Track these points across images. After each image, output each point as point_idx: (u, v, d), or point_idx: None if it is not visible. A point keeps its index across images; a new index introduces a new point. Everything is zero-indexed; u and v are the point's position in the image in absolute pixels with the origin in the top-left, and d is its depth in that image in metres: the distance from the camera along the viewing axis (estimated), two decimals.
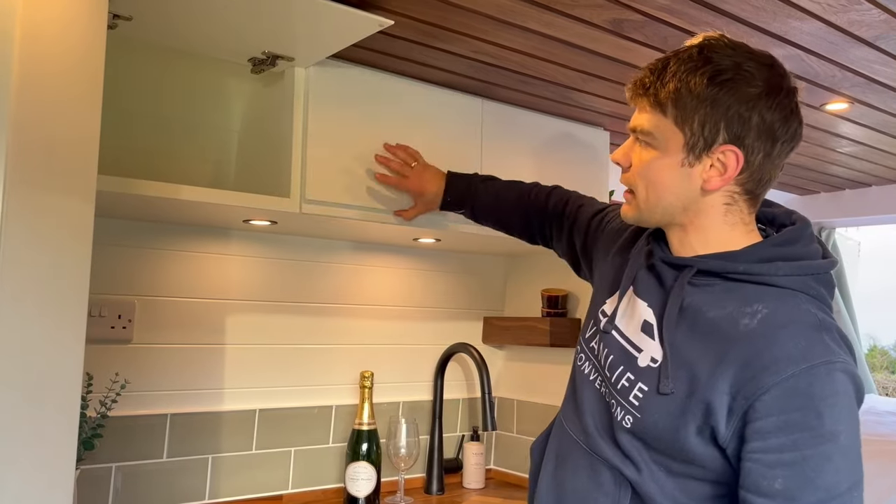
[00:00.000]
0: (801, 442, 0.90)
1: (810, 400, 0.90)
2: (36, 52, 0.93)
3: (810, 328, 0.94)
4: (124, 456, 1.71)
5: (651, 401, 1.01)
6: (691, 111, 0.99)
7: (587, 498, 1.08)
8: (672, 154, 1.01)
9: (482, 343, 2.36)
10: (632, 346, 1.06)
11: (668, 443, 1.00)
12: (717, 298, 1.00)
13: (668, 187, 1.03)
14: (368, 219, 1.73)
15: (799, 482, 0.90)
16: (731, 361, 0.95)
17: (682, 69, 0.99)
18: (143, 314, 1.76)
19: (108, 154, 1.49)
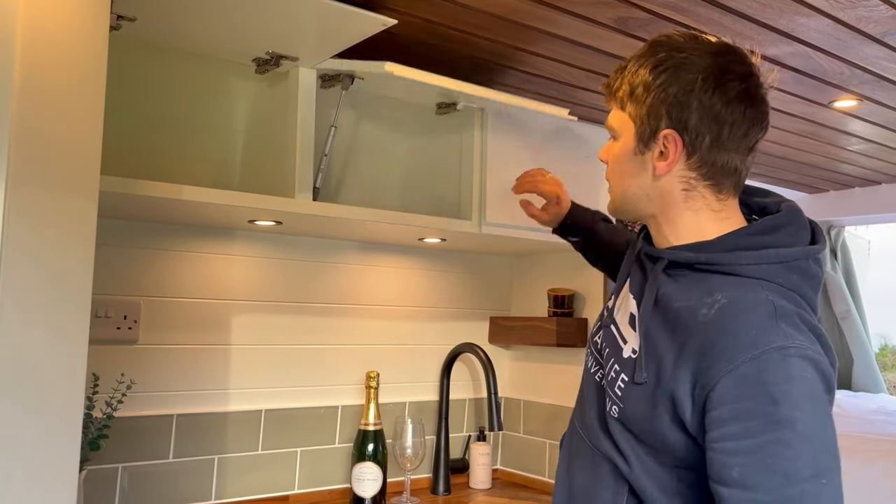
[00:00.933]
0: (755, 429, 0.89)
1: (762, 386, 0.89)
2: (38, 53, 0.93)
3: (765, 315, 0.93)
4: (130, 456, 1.71)
5: (629, 390, 1.03)
6: (640, 103, 1.04)
7: (591, 492, 1.10)
8: (627, 144, 1.07)
9: (488, 343, 2.36)
10: (620, 338, 1.09)
11: (648, 433, 1.01)
12: (684, 289, 1.02)
13: (627, 176, 1.08)
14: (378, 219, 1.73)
15: (755, 470, 0.88)
16: (690, 352, 0.95)
17: (634, 66, 1.06)
18: (149, 315, 1.76)
19: (113, 155, 1.50)
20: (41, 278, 0.94)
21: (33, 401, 0.93)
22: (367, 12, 1.41)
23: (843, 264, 4.30)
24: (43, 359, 0.94)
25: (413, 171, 2.07)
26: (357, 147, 1.99)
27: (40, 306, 0.94)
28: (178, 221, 1.77)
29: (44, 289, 0.94)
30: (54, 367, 0.95)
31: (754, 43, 1.63)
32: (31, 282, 0.92)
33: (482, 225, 1.91)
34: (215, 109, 1.77)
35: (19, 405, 0.91)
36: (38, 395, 0.94)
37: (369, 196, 1.99)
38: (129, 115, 1.65)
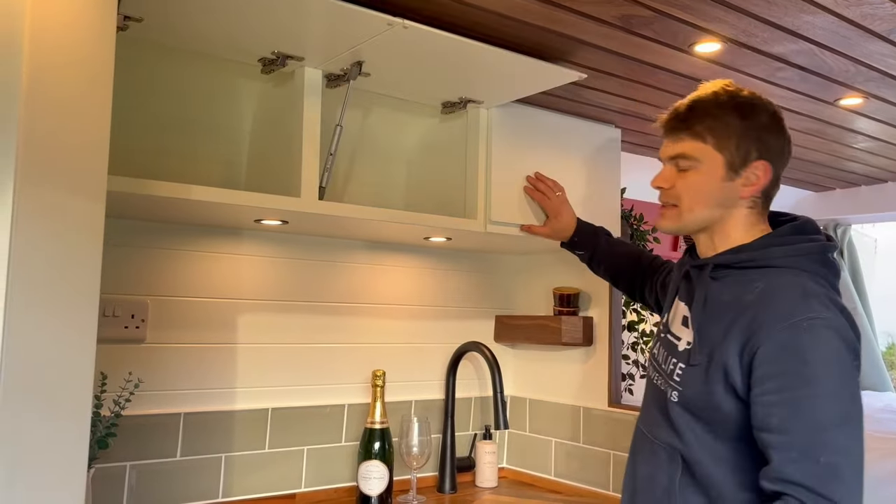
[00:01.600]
0: (789, 385, 1.11)
1: (796, 350, 1.11)
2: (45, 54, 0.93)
3: (797, 294, 1.17)
4: (138, 455, 1.72)
5: (687, 374, 1.26)
6: (726, 137, 1.27)
7: (650, 478, 1.31)
8: (716, 172, 1.28)
9: (494, 342, 2.36)
10: (675, 339, 1.33)
11: (705, 407, 1.22)
12: (729, 285, 1.26)
13: (712, 199, 1.29)
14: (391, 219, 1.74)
15: (791, 416, 1.10)
16: (738, 328, 1.18)
17: (714, 105, 1.29)
18: (156, 314, 1.77)
19: (120, 155, 1.50)
20: (49, 278, 0.94)
21: (42, 399, 0.94)
22: (372, 11, 1.42)
23: (850, 263, 4.29)
24: (51, 358, 0.95)
25: (419, 171, 2.08)
26: (363, 146, 2.00)
27: (49, 305, 0.94)
28: (185, 221, 1.78)
29: (52, 288, 0.95)
30: (63, 365, 0.96)
31: (759, 41, 1.63)
32: (39, 281, 0.93)
33: (488, 224, 1.91)
34: (221, 109, 1.78)
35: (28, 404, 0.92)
36: (47, 393, 0.94)
37: (375, 195, 2.00)
38: (136, 116, 1.66)
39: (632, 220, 2.34)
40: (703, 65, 1.78)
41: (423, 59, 1.67)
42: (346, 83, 1.71)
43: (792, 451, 1.09)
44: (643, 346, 2.39)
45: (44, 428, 0.94)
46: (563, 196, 1.93)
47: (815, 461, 1.07)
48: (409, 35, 1.50)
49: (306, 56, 1.63)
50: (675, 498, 1.25)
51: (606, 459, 2.09)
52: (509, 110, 1.98)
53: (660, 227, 1.38)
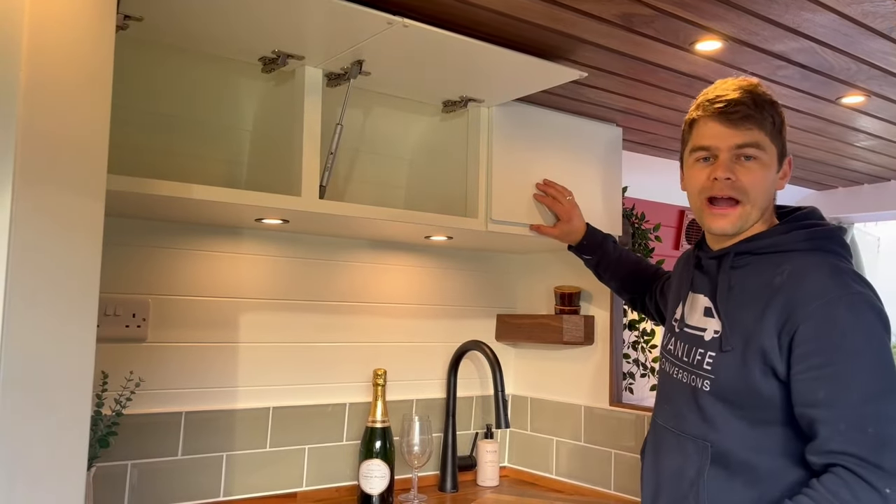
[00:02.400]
0: (832, 359, 1.12)
1: (835, 324, 1.13)
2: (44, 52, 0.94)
3: (828, 272, 1.19)
4: (140, 453, 1.72)
5: (719, 361, 1.26)
6: (778, 131, 1.31)
7: (677, 471, 1.31)
8: (772, 163, 1.31)
9: (495, 340, 2.36)
10: (698, 330, 1.33)
11: (741, 392, 1.22)
12: (754, 271, 1.27)
13: (767, 189, 1.31)
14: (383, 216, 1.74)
15: (836, 390, 1.11)
16: (773, 309, 1.19)
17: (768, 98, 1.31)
18: (157, 313, 1.77)
19: (120, 154, 1.51)
20: (49, 276, 0.94)
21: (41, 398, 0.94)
22: (372, 10, 1.42)
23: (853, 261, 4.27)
24: (51, 356, 0.95)
25: (419, 170, 2.08)
26: (364, 145, 2.00)
27: (48, 304, 0.94)
28: (186, 220, 1.78)
29: (52, 287, 0.95)
30: (62, 364, 0.96)
31: (760, 39, 1.63)
32: (38, 280, 0.93)
33: (489, 222, 1.91)
34: (222, 108, 1.78)
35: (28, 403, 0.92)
36: (46, 392, 0.94)
37: (376, 194, 2.00)
38: (136, 115, 1.66)
39: (633, 219, 2.34)
40: (704, 63, 1.78)
41: (424, 58, 1.67)
42: (347, 82, 1.71)
43: (840, 424, 1.10)
44: (644, 344, 2.39)
45: (44, 427, 0.94)
46: (572, 200, 1.95)
47: (864, 431, 1.09)
48: (409, 34, 1.50)
49: (307, 55, 1.63)
50: (702, 490, 1.25)
51: (608, 458, 2.08)
52: (510, 109, 1.98)
53: (717, 229, 1.32)
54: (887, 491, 1.07)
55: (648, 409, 2.04)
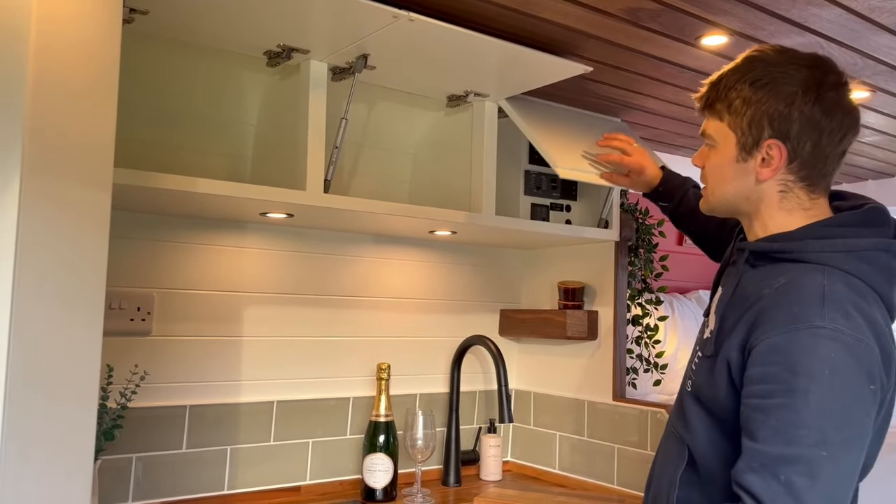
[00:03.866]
0: (773, 392, 1.02)
1: (788, 356, 1.02)
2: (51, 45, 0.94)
3: (812, 297, 1.04)
4: (144, 447, 1.73)
5: (701, 364, 1.20)
6: (740, 114, 1.16)
7: (663, 468, 1.27)
8: (728, 152, 1.19)
9: (499, 335, 2.36)
10: (707, 327, 1.25)
11: (712, 400, 1.16)
12: (759, 275, 1.15)
13: (728, 181, 1.20)
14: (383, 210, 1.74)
15: (764, 427, 1.02)
16: (745, 321, 1.10)
17: (732, 79, 1.17)
18: (162, 307, 1.77)
19: (125, 147, 1.51)
20: (56, 270, 0.95)
21: (49, 391, 0.94)
22: (377, 4, 1.41)
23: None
24: (58, 350, 0.95)
25: (424, 164, 2.07)
26: (368, 140, 2.00)
27: (55, 298, 0.95)
28: (191, 214, 1.79)
29: (58, 281, 0.95)
30: (69, 358, 0.97)
31: (766, 34, 1.63)
32: (45, 274, 0.93)
33: (493, 217, 1.91)
34: (227, 102, 1.78)
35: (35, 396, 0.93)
36: (54, 385, 0.95)
37: (380, 188, 2.00)
38: (142, 108, 1.66)
39: (637, 215, 2.34)
40: (710, 58, 1.77)
41: (429, 53, 1.66)
42: (352, 76, 1.71)
43: (755, 461, 1.02)
44: (647, 339, 2.39)
45: (51, 420, 0.94)
46: (639, 148, 1.74)
47: (775, 476, 0.99)
48: (414, 28, 1.50)
49: (312, 49, 1.63)
50: (675, 492, 1.21)
51: (611, 453, 2.09)
52: (515, 103, 1.97)
53: (700, 209, 1.31)
54: None
55: (651, 404, 2.04)
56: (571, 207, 2.18)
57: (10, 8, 0.90)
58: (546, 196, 2.13)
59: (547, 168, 2.14)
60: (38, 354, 0.93)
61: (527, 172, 2.10)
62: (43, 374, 0.94)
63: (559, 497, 1.94)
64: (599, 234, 2.13)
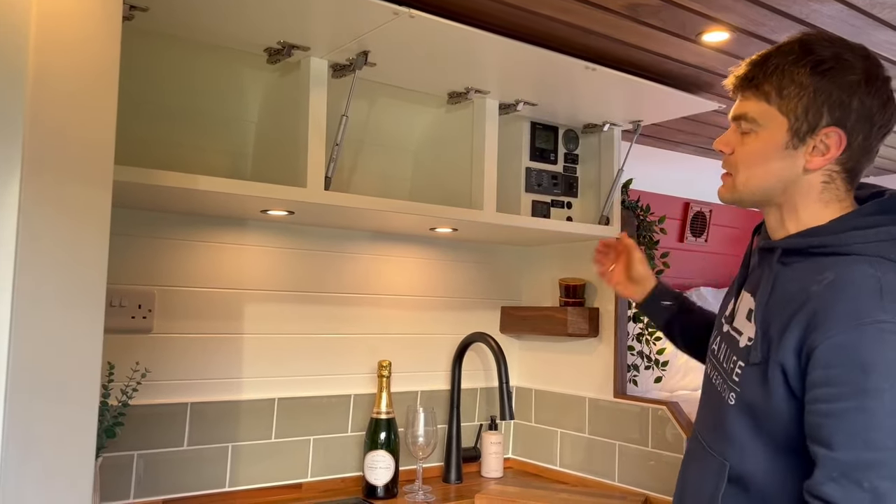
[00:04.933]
0: (844, 394, 0.96)
1: (855, 355, 0.96)
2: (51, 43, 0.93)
3: (869, 290, 1.00)
4: (146, 444, 1.73)
5: (745, 374, 1.11)
6: (795, 98, 1.09)
7: (697, 485, 1.19)
8: (777, 138, 1.11)
9: (500, 333, 2.36)
10: (737, 333, 1.17)
11: (765, 412, 1.08)
12: (798, 273, 1.09)
13: (771, 168, 1.12)
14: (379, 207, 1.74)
15: (840, 431, 0.96)
16: (797, 322, 1.03)
17: (785, 61, 1.10)
18: (163, 304, 1.77)
19: (126, 145, 1.50)
20: (56, 268, 0.95)
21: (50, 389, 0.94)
22: (378, 0, 1.41)
23: None
24: (59, 348, 0.95)
25: (425, 161, 2.07)
26: (369, 137, 1.99)
27: (56, 296, 0.95)
28: (192, 211, 1.79)
29: (59, 278, 0.95)
30: (70, 355, 0.97)
31: (767, 30, 1.62)
32: (46, 272, 0.93)
33: (494, 214, 1.91)
34: (227, 99, 1.78)
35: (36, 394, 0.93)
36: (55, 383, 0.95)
37: (381, 186, 2.00)
38: (142, 106, 1.66)
39: (638, 211, 2.34)
40: (711, 54, 1.77)
41: (430, 49, 1.66)
42: (352, 73, 1.70)
43: (834, 470, 0.96)
44: (648, 336, 2.39)
45: (52, 417, 0.95)
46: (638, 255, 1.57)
47: (858, 484, 0.94)
48: (415, 24, 1.49)
49: (312, 46, 1.63)
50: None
51: (612, 450, 2.09)
52: None
53: (719, 197, 1.21)
54: None
55: (652, 401, 2.04)
56: (572, 204, 2.18)
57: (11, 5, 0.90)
58: (547, 193, 2.13)
59: (548, 165, 2.14)
60: (39, 352, 0.93)
61: (528, 169, 2.10)
62: (44, 372, 0.94)
63: (560, 494, 1.95)
64: (600, 230, 2.13)
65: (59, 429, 0.95)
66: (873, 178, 3.45)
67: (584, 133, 2.22)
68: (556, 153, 2.16)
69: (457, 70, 1.79)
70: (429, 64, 1.76)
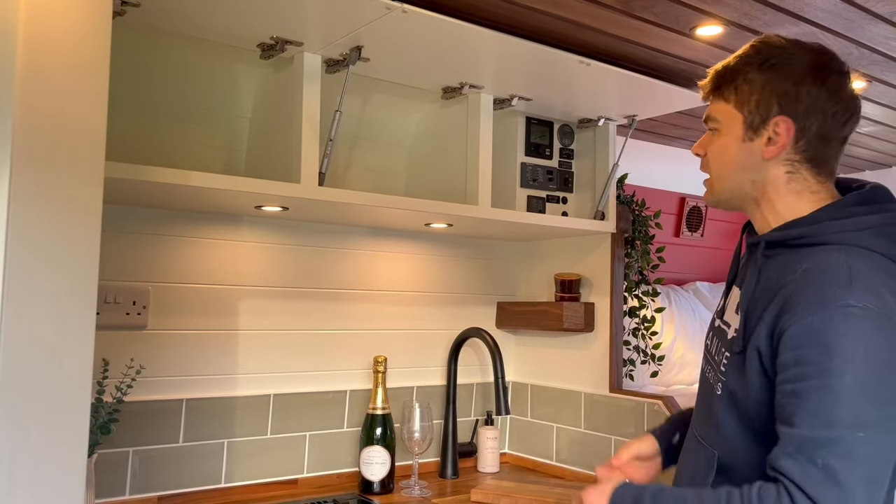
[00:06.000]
0: (808, 374, 1.00)
1: (821, 337, 1.00)
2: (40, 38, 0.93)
3: (839, 276, 1.03)
4: (141, 440, 1.73)
5: (730, 363, 1.15)
6: (747, 94, 1.16)
7: (690, 475, 1.22)
8: (734, 133, 1.18)
9: (495, 328, 2.36)
10: (726, 326, 1.21)
11: (746, 399, 1.11)
12: (779, 264, 1.13)
13: (734, 162, 1.18)
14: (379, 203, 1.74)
15: (800, 411, 1.00)
16: (771, 310, 1.07)
17: (740, 63, 1.18)
18: (158, 300, 1.77)
19: (119, 141, 1.50)
20: (47, 264, 0.94)
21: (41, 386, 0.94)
22: None
23: None
24: (50, 343, 0.95)
25: (419, 156, 2.07)
26: (363, 132, 1.99)
27: (46, 292, 0.94)
28: (186, 207, 1.78)
29: (50, 274, 0.95)
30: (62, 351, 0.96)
31: (761, 24, 1.62)
32: (36, 268, 0.93)
33: (489, 209, 1.91)
34: (220, 95, 1.77)
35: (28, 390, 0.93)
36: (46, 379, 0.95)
37: (376, 181, 2.00)
38: (136, 102, 1.66)
39: (633, 206, 2.34)
40: (705, 48, 1.77)
41: (423, 44, 1.66)
42: (346, 68, 1.70)
43: (791, 445, 0.99)
44: (644, 331, 2.39)
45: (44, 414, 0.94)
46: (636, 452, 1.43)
47: (812, 461, 0.97)
48: (408, 19, 1.49)
49: (305, 41, 1.63)
50: None
51: (608, 445, 2.09)
52: None
53: (705, 201, 1.29)
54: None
55: (648, 395, 2.04)
56: (568, 199, 2.18)
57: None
58: (542, 188, 2.13)
59: (543, 160, 2.14)
60: (30, 348, 0.93)
61: (523, 165, 2.10)
62: (35, 369, 0.93)
63: (556, 489, 1.95)
64: (596, 225, 2.13)
65: (50, 425, 0.95)
66: (869, 173, 3.45)
67: (580, 128, 2.22)
68: (551, 148, 2.16)
69: (451, 65, 1.79)
70: (423, 59, 1.76)
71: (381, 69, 1.84)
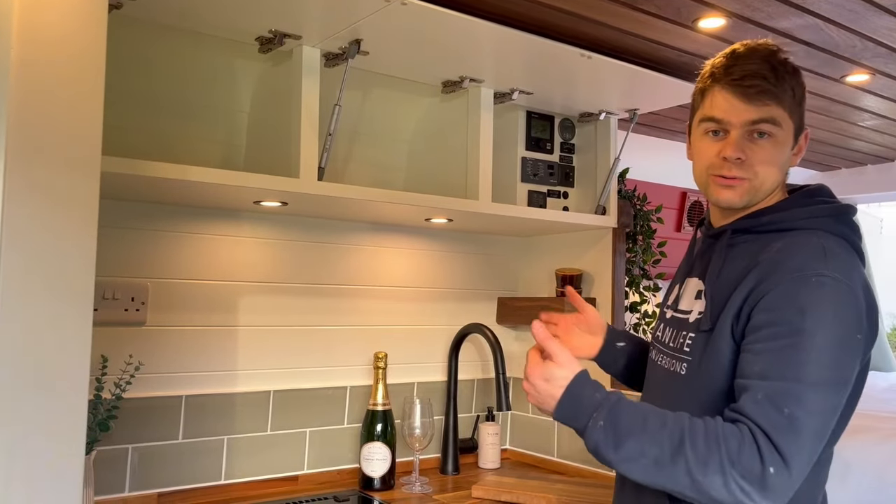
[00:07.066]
0: (781, 333, 1.06)
1: (795, 300, 1.07)
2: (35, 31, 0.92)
3: (814, 252, 1.10)
4: (140, 437, 1.72)
5: (697, 342, 1.19)
6: (797, 103, 1.20)
7: None
8: (788, 139, 1.20)
9: (496, 323, 2.35)
10: (683, 314, 1.26)
11: (713, 374, 1.15)
12: (746, 250, 1.19)
13: (780, 167, 1.21)
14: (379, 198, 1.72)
15: (772, 366, 1.06)
16: (748, 283, 1.12)
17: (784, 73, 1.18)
18: (156, 297, 1.76)
19: (117, 135, 1.49)
20: (43, 259, 0.93)
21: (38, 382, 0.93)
22: None
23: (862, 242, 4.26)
24: (46, 339, 0.94)
25: (419, 151, 2.06)
26: (362, 126, 1.98)
27: (43, 288, 0.93)
28: (185, 203, 1.77)
29: (46, 270, 0.94)
30: (58, 347, 0.95)
31: (764, 16, 1.61)
32: (32, 263, 0.92)
33: (489, 204, 1.89)
34: (219, 89, 1.76)
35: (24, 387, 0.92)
36: (43, 376, 0.94)
37: (375, 176, 1.98)
38: (133, 96, 1.65)
39: (635, 201, 2.32)
40: (707, 41, 1.76)
41: (423, 37, 1.64)
42: (345, 62, 1.69)
43: (760, 392, 1.04)
44: (646, 327, 2.38)
45: (41, 411, 0.93)
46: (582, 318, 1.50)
47: (779, 409, 1.02)
48: (407, 12, 1.48)
49: (304, 35, 1.61)
50: None
51: None
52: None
53: (724, 201, 1.21)
54: (771, 470, 1.01)
55: None
56: (569, 194, 2.17)
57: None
58: (543, 183, 2.11)
59: (544, 154, 2.13)
60: (27, 345, 0.92)
61: (524, 159, 2.09)
62: (32, 365, 0.92)
63: (557, 485, 1.94)
64: (597, 220, 2.12)
65: (48, 422, 0.94)
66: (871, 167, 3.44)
67: (581, 122, 2.20)
68: (552, 143, 2.15)
69: (450, 58, 1.78)
70: (422, 52, 1.75)
71: (380, 63, 1.83)
